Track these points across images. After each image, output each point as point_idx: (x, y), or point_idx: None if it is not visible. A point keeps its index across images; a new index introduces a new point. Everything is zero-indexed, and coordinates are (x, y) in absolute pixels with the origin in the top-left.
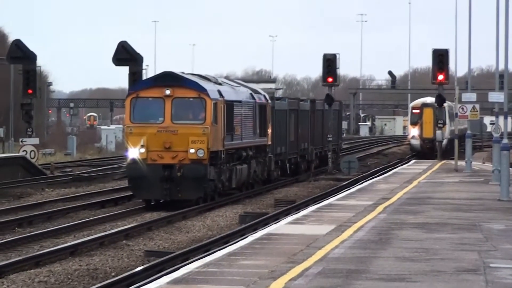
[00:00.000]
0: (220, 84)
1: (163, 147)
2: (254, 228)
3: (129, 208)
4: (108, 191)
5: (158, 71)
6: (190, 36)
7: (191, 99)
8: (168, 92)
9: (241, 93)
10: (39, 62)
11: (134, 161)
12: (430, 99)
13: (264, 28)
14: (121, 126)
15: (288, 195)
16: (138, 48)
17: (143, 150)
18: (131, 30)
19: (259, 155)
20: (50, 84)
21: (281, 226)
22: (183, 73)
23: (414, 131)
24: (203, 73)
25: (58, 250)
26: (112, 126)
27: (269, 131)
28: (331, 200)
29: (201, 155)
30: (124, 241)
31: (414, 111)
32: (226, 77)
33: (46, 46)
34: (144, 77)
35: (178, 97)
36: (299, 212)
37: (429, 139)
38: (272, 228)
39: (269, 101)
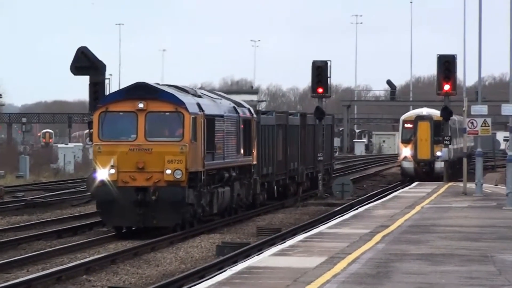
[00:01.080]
0: (199, 96)
1: (136, 168)
2: (233, 261)
3: (90, 238)
4: (66, 219)
5: (123, 81)
6: (159, 40)
7: (167, 113)
8: (141, 105)
9: (223, 107)
10: None
11: (103, 183)
12: (427, 111)
13: (245, 32)
14: (80, 144)
15: (272, 222)
16: (100, 55)
17: (113, 171)
18: (92, 34)
19: (243, 177)
20: None
21: (265, 258)
22: (157, 84)
23: (406, 151)
24: (174, 83)
25: (9, 287)
26: (71, 144)
27: (255, 149)
28: (321, 228)
29: (178, 177)
30: (84, 276)
31: (406, 125)
32: (201, 88)
33: None
34: (107, 88)
35: (153, 111)
36: (285, 242)
37: (425, 161)
38: (254, 261)
39: (255, 116)
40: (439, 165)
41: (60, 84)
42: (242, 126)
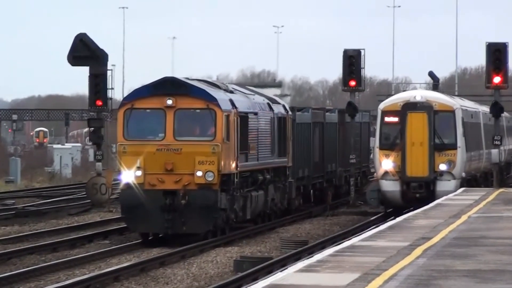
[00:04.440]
0: (231, 92)
1: (164, 169)
2: (253, 278)
3: (90, 252)
4: (62, 230)
5: (128, 73)
6: (169, 26)
7: (198, 110)
8: (170, 102)
9: (257, 103)
10: None
11: (128, 186)
12: (423, 95)
13: (267, 17)
14: (79, 144)
15: (298, 233)
16: (101, 43)
17: (139, 173)
18: (92, 19)
19: (278, 179)
20: None
21: (289, 275)
22: (187, 78)
23: (387, 164)
24: (185, 75)
25: None
26: (68, 145)
27: (290, 149)
28: (354, 240)
29: (210, 179)
30: None
31: (387, 119)
32: (217, 80)
33: None
34: (109, 80)
35: (182, 109)
36: (312, 257)
37: (420, 181)
38: (277, 278)
39: (290, 113)
40: (444, 186)
41: (56, 76)
42: (276, 124)
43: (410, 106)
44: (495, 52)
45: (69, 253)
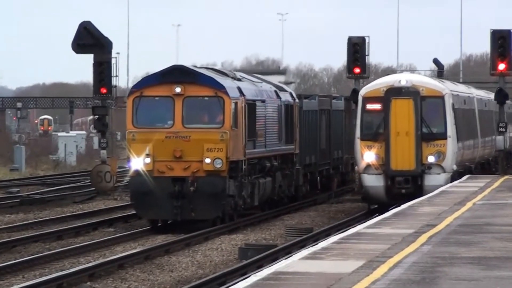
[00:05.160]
0: (239, 79)
1: (173, 157)
2: (258, 265)
3: (95, 239)
4: (67, 218)
5: (132, 59)
6: (173, 14)
7: (206, 98)
8: (178, 90)
9: (264, 91)
10: None
11: (138, 173)
12: (408, 79)
13: (271, 4)
14: (84, 132)
15: (303, 221)
16: (105, 31)
17: (148, 160)
18: (96, 6)
19: (285, 166)
20: None
21: (294, 263)
22: (195, 66)
23: (369, 156)
24: (190, 62)
25: None
26: (73, 133)
27: (297, 137)
28: (359, 228)
29: (218, 166)
30: (88, 283)
31: (369, 107)
32: (225, 68)
33: None
34: (113, 68)
35: (191, 96)
36: (317, 244)
37: (406, 174)
38: (282, 265)
39: (297, 100)
40: (432, 180)
41: (60, 64)
42: (284, 111)
43: (394, 92)
44: (500, 39)
45: (73, 241)
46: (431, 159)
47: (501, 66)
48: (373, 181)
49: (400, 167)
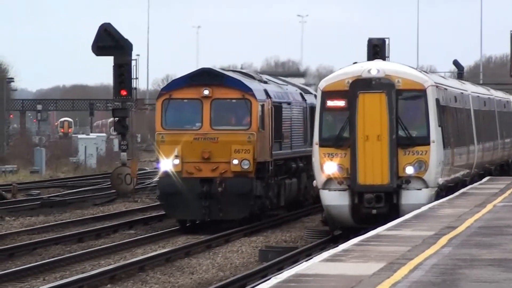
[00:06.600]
0: (265, 82)
1: (201, 158)
2: (279, 267)
3: (115, 242)
4: (87, 220)
5: (152, 61)
6: (194, 16)
7: (234, 100)
8: (206, 92)
9: (290, 93)
10: None
11: (167, 174)
12: (379, 67)
13: (291, 5)
14: (104, 134)
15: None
16: (125, 33)
17: (177, 161)
18: (116, 9)
19: (310, 168)
20: (11, 80)
21: (314, 265)
22: (223, 69)
23: (330, 166)
24: (210, 64)
25: None
26: (93, 135)
27: None
28: (379, 230)
29: (246, 167)
30: (109, 285)
31: (330, 103)
32: (252, 71)
33: (6, 33)
34: (134, 70)
35: (219, 99)
36: (337, 246)
37: (378, 190)
38: (302, 267)
39: None
40: (411, 198)
41: (80, 67)
42: (309, 113)
43: (363, 84)
44: None
45: (94, 243)
46: (409, 170)
47: None
48: (336, 199)
49: (369, 181)
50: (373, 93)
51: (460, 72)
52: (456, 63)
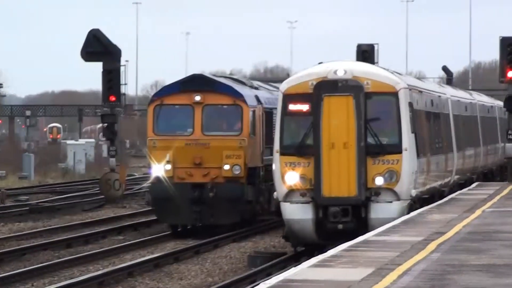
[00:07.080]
0: (256, 88)
1: (193, 163)
2: (267, 273)
3: (104, 247)
4: (76, 226)
5: (141, 67)
6: (183, 22)
7: (225, 106)
8: (198, 98)
9: None
10: None
11: (158, 179)
12: (347, 67)
13: (280, 12)
14: (92, 140)
15: None
16: (114, 39)
17: (169, 166)
18: (105, 15)
19: None
20: (0, 86)
21: (303, 270)
22: (214, 75)
23: (292, 178)
24: (199, 70)
25: None
26: (82, 141)
27: None
28: (368, 235)
29: (237, 173)
30: None
31: (292, 107)
32: (243, 77)
33: None
34: (122, 76)
35: (210, 104)
36: (326, 252)
37: (345, 203)
38: (291, 273)
39: None
40: (381, 211)
41: (69, 72)
42: None
43: (328, 86)
44: (509, 46)
45: (83, 249)
46: (379, 181)
47: (510, 74)
48: (298, 213)
49: (335, 193)
50: (339, 96)
51: (449, 78)
52: (445, 69)
